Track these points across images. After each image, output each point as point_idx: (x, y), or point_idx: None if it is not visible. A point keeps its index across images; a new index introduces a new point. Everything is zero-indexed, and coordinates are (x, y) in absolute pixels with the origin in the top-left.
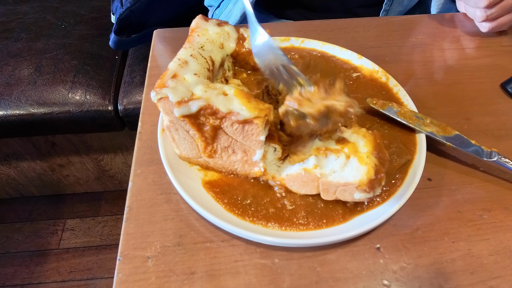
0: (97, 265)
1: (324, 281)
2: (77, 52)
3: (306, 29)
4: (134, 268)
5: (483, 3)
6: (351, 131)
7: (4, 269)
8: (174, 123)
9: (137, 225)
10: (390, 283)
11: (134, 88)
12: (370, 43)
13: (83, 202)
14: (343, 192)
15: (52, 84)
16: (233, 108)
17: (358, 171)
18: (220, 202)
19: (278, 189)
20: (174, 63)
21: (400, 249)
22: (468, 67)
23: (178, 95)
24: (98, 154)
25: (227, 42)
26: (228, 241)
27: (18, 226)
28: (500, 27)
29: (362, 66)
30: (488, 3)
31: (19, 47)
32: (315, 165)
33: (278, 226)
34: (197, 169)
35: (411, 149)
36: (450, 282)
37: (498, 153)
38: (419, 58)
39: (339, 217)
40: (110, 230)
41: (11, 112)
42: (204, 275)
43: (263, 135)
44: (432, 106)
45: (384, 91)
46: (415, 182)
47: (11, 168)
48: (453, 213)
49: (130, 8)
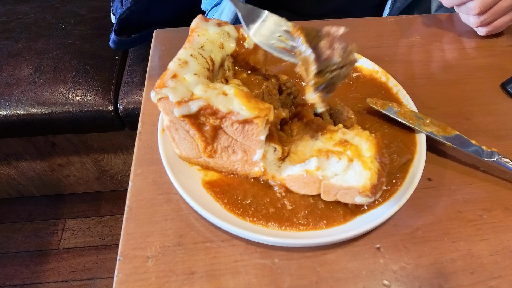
0: (97, 265)
1: (324, 281)
2: (77, 52)
3: None
4: (134, 268)
5: (474, 11)
6: (354, 133)
7: (4, 269)
8: (174, 123)
9: (137, 225)
10: (390, 283)
11: (134, 88)
12: (370, 43)
13: (83, 202)
14: (345, 195)
15: (52, 84)
16: (233, 108)
17: (361, 176)
18: (220, 202)
19: (278, 189)
20: (174, 63)
21: (400, 249)
22: (468, 67)
23: (178, 95)
24: (98, 154)
25: (227, 42)
26: (228, 241)
27: (18, 226)
28: (496, 30)
29: (362, 66)
30: (479, 11)
31: (19, 47)
32: (317, 167)
33: (278, 226)
34: (197, 169)
35: (411, 149)
36: (450, 282)
37: (498, 153)
38: (419, 58)
39: (340, 218)
40: (110, 230)
41: (11, 112)
42: (204, 275)
43: (263, 135)
44: (432, 106)
45: (384, 91)
46: (415, 182)
47: (11, 168)
48: (453, 213)
49: (130, 8)
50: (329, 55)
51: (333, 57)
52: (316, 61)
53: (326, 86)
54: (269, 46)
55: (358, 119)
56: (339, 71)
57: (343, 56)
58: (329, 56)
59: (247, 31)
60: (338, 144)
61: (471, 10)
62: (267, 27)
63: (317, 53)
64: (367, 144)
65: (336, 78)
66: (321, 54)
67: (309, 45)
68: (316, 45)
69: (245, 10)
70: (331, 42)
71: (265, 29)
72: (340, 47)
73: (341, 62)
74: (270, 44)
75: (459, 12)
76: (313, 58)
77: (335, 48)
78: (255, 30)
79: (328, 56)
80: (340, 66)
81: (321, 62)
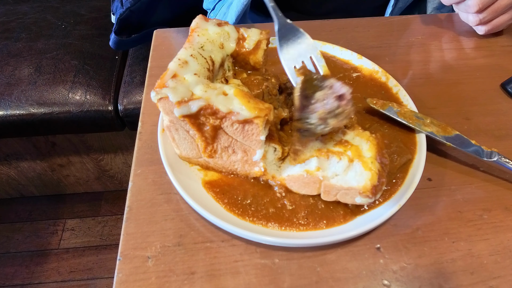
0: (97, 265)
1: (324, 281)
2: (77, 52)
3: (306, 29)
4: (134, 268)
5: (472, 9)
6: (354, 134)
7: (4, 269)
8: (174, 123)
9: (137, 225)
10: (390, 283)
11: (134, 88)
12: (370, 43)
13: (83, 202)
14: (345, 195)
15: (52, 84)
16: (233, 108)
17: (362, 177)
18: (220, 202)
19: (278, 189)
20: (174, 63)
21: (400, 249)
22: (468, 67)
23: (178, 95)
24: (98, 154)
25: (227, 42)
26: (228, 241)
27: (18, 226)
28: (496, 28)
29: (362, 66)
30: (478, 9)
31: (19, 47)
32: (317, 167)
33: (278, 226)
34: (197, 169)
35: (411, 149)
36: (450, 282)
37: (498, 153)
38: (419, 58)
39: (340, 218)
40: (110, 230)
41: (11, 112)
42: (204, 275)
43: (263, 134)
44: (432, 106)
45: (384, 91)
46: (415, 182)
47: (11, 168)
48: (453, 213)
49: (130, 8)
50: (314, 109)
51: (314, 114)
52: (298, 109)
53: (305, 131)
54: (289, 67)
55: (358, 119)
56: (315, 127)
57: (323, 118)
58: (312, 110)
59: (278, 45)
60: (339, 144)
61: (469, 8)
62: (298, 48)
63: (306, 102)
64: (368, 144)
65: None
66: (308, 104)
67: (301, 93)
68: (311, 93)
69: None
70: (326, 97)
71: (295, 50)
72: (329, 106)
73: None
74: (291, 66)
75: (458, 11)
76: (297, 106)
77: (325, 104)
78: (286, 47)
79: (313, 109)
80: (317, 124)
81: (302, 112)
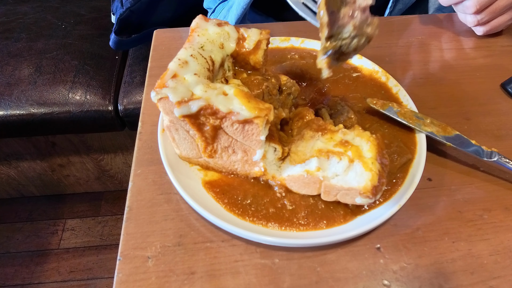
0: (97, 265)
1: (324, 281)
2: (77, 52)
3: (307, 29)
4: (134, 268)
5: (470, 9)
6: (355, 134)
7: (4, 269)
8: (174, 123)
9: (137, 225)
10: (390, 283)
11: (134, 88)
12: (370, 43)
13: (83, 202)
14: (345, 195)
15: (52, 84)
16: (233, 108)
17: (362, 177)
18: (220, 202)
19: (278, 189)
20: (174, 63)
21: (400, 249)
22: (468, 67)
23: (178, 95)
24: (98, 154)
25: (227, 42)
26: (228, 241)
27: (18, 226)
28: (494, 29)
29: (362, 66)
30: (475, 10)
31: (19, 47)
32: (317, 167)
33: (278, 226)
34: (197, 169)
35: (412, 149)
36: (450, 282)
37: (498, 153)
38: (419, 58)
39: (340, 218)
40: (110, 230)
41: (11, 112)
42: (204, 275)
43: (263, 134)
44: (432, 106)
45: (384, 91)
46: (415, 182)
47: (11, 168)
48: (453, 213)
49: (130, 8)
50: (345, 23)
51: (347, 25)
52: (328, 26)
53: (336, 53)
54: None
55: (358, 119)
56: (350, 40)
57: (358, 27)
58: (344, 24)
59: None
60: (339, 144)
61: (467, 9)
62: None
63: (333, 18)
64: (368, 145)
65: (346, 47)
66: (337, 20)
67: (327, 8)
68: (336, 10)
69: None
70: (353, 10)
71: None
72: (359, 17)
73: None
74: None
75: (457, 12)
76: (325, 22)
77: (355, 17)
78: None
79: (343, 23)
80: (352, 36)
81: (333, 27)
